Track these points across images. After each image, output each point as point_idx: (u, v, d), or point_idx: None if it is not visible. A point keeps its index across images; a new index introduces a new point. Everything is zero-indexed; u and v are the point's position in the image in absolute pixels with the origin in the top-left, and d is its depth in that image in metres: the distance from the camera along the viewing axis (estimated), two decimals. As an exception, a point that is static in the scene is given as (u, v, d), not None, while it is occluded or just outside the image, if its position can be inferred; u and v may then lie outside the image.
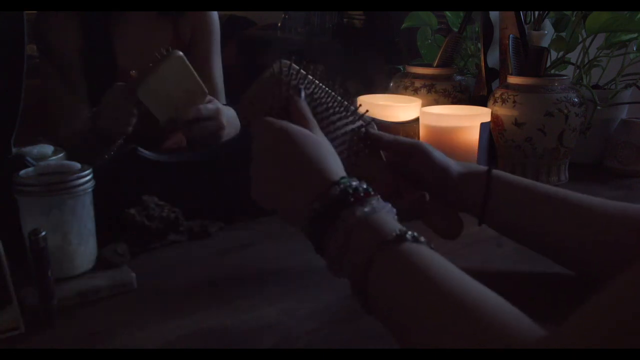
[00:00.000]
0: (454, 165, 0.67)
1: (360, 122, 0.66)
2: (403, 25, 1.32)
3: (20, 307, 0.56)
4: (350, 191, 0.49)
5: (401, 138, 0.68)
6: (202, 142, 0.97)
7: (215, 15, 1.22)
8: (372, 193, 0.50)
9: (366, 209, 0.48)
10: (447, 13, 1.29)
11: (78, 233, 0.63)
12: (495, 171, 0.66)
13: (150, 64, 0.90)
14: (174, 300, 0.63)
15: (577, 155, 1.08)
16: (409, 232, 0.46)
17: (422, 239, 0.46)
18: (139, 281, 0.65)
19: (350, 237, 0.47)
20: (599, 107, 1.09)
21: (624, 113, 1.17)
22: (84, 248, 0.64)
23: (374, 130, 0.67)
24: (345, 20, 2.46)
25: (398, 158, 0.68)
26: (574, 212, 0.61)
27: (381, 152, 0.67)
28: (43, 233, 0.55)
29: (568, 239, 0.61)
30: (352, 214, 0.48)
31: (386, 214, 0.49)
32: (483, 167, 0.67)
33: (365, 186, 0.50)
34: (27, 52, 0.67)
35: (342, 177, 0.51)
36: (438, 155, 0.67)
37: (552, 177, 1.03)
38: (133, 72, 1.14)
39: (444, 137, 0.97)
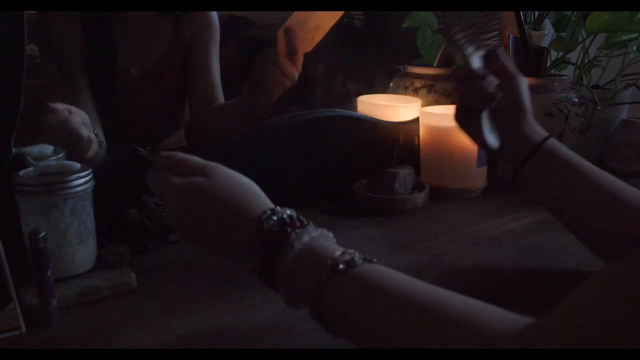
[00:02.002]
0: (529, 113, 0.70)
1: (496, 42, 0.72)
2: (403, 25, 1.32)
3: (20, 307, 0.56)
4: (276, 229, 0.47)
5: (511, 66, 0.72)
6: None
7: (215, 15, 1.22)
8: (298, 223, 0.48)
9: (297, 247, 0.46)
10: (447, 13, 1.29)
11: (78, 233, 0.63)
12: (551, 140, 0.68)
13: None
14: (174, 300, 0.63)
15: (577, 155, 1.08)
16: (348, 255, 0.45)
17: (360, 258, 0.45)
18: (139, 281, 0.65)
19: (294, 277, 0.46)
20: (599, 107, 1.09)
21: (624, 113, 1.17)
22: (84, 248, 0.64)
23: (500, 53, 0.71)
24: (345, 20, 2.45)
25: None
26: (610, 200, 0.63)
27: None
28: (43, 233, 0.56)
29: (599, 223, 0.63)
30: (285, 257, 0.46)
31: (319, 240, 0.48)
32: (543, 133, 0.69)
33: (288, 214, 0.48)
34: (27, 52, 0.67)
35: (264, 214, 0.48)
36: (525, 95, 0.71)
37: (552, 177, 1.03)
38: (137, 75, 1.14)
39: (444, 137, 0.97)
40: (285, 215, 0.48)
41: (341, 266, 0.44)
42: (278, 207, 0.49)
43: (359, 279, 0.44)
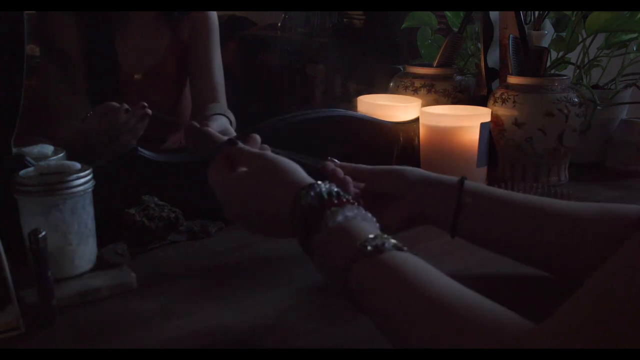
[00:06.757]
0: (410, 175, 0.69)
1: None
2: (403, 25, 1.32)
3: (20, 307, 0.56)
4: (313, 206, 0.50)
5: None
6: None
7: (214, 15, 1.22)
8: (336, 201, 0.50)
9: (330, 225, 0.49)
10: (447, 13, 1.29)
11: (78, 233, 0.63)
12: (465, 183, 0.65)
13: None
14: (174, 300, 0.63)
15: (577, 155, 1.08)
16: (379, 240, 0.46)
17: (390, 244, 0.46)
18: (139, 281, 0.65)
19: (326, 254, 0.49)
20: (599, 107, 1.09)
21: (624, 113, 1.17)
22: (84, 248, 0.64)
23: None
24: (345, 20, 2.46)
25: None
26: (553, 220, 0.60)
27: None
28: (43, 233, 0.55)
29: (551, 249, 0.60)
30: (318, 234, 0.49)
31: (354, 220, 0.49)
32: (452, 179, 0.66)
33: (326, 191, 0.51)
34: (27, 52, 0.67)
35: (302, 190, 0.51)
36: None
37: (552, 177, 1.03)
38: (137, 76, 1.14)
39: (444, 137, 0.97)
40: (323, 191, 0.50)
41: (369, 248, 0.46)
42: (318, 182, 0.52)
43: (383, 264, 0.45)
